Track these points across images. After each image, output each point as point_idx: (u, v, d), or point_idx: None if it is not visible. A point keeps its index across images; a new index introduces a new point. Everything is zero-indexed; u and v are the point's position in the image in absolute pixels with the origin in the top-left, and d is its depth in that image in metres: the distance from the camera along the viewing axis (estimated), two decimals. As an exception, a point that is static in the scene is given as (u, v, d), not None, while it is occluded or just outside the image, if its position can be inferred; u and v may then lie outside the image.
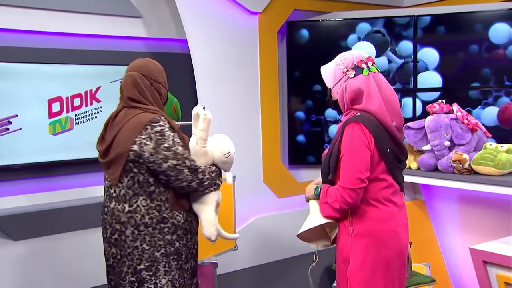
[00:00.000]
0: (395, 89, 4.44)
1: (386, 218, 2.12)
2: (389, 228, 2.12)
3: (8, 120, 3.55)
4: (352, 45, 4.66)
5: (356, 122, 2.07)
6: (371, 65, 2.16)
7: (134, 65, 2.49)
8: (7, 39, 3.61)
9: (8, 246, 3.62)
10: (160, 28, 4.28)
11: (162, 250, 2.31)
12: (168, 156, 2.25)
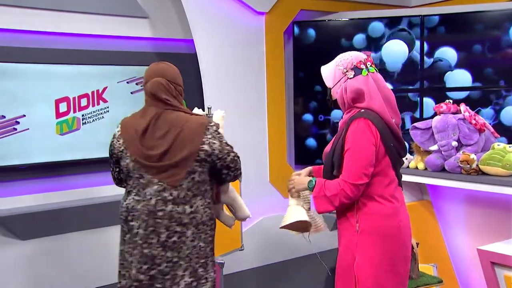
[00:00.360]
0: (426, 88, 4.61)
1: (392, 213, 2.16)
2: (394, 224, 2.15)
3: (16, 120, 3.58)
4: (359, 45, 4.65)
5: (362, 118, 2.11)
6: (370, 66, 2.21)
7: (157, 70, 2.46)
8: (15, 39, 3.63)
9: (15, 246, 3.64)
10: (166, 28, 4.29)
11: (211, 245, 2.43)
12: (230, 150, 2.40)
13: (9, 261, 3.62)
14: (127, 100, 4.09)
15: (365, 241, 2.13)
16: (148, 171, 2.31)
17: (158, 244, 2.32)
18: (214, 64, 4.28)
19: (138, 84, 4.14)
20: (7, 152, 3.54)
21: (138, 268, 2.35)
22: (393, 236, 2.15)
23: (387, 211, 2.14)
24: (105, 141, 3.91)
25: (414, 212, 3.38)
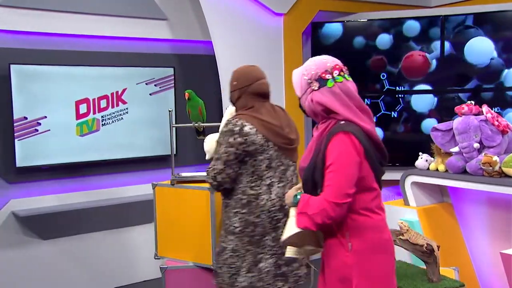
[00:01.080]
0: (486, 88, 4.49)
1: (382, 226, 2.05)
2: (387, 236, 2.06)
3: (38, 121, 3.64)
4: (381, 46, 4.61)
5: (345, 132, 1.94)
6: (337, 75, 2.02)
7: (257, 73, 2.69)
8: (36, 42, 3.70)
9: (37, 245, 3.70)
10: (185, 30, 4.33)
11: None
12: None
13: (31, 260, 3.68)
14: (146, 101, 4.12)
15: (361, 259, 2.00)
16: (287, 155, 2.55)
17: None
18: (232, 65, 4.22)
19: (156, 85, 4.17)
20: (28, 152, 3.60)
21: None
22: (387, 249, 2.05)
23: (377, 224, 2.02)
24: (124, 142, 3.99)
25: (435, 215, 3.35)
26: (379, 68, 4.68)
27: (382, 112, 4.74)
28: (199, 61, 4.42)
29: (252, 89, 2.54)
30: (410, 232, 2.74)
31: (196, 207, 2.92)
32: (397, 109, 4.71)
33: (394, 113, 4.71)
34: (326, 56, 2.07)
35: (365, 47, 4.69)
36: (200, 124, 3.24)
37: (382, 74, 4.69)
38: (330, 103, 1.98)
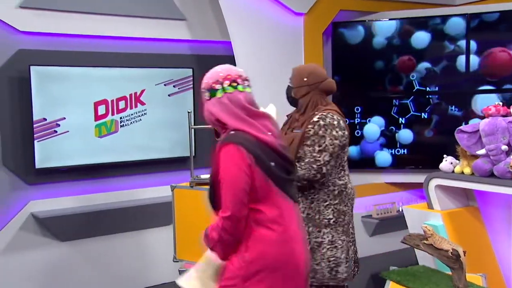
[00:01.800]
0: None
1: (282, 239, 1.97)
2: (286, 250, 1.97)
3: (57, 122, 3.67)
4: (419, 44, 4.56)
5: (230, 143, 1.92)
6: (227, 85, 2.03)
7: (323, 71, 2.82)
8: (56, 43, 3.74)
9: (55, 247, 3.73)
10: (204, 31, 4.33)
11: None
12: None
13: (49, 262, 3.71)
14: (165, 102, 4.13)
15: (253, 274, 1.93)
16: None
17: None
18: (251, 66, 4.28)
19: (175, 86, 4.17)
20: (47, 154, 3.63)
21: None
22: (284, 262, 1.95)
23: (276, 236, 1.95)
24: (143, 143, 4.00)
25: (460, 219, 3.28)
26: (408, 68, 4.61)
27: (412, 113, 4.66)
28: (218, 62, 4.30)
29: (322, 86, 2.72)
30: (435, 237, 2.69)
31: None
32: (427, 110, 4.64)
33: (425, 114, 4.64)
34: (226, 66, 2.10)
35: (387, 47, 4.64)
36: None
37: (412, 75, 4.63)
38: (218, 113, 1.99)
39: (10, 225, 3.60)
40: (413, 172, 4.73)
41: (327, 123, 2.59)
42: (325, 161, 2.56)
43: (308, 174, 2.55)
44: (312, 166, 2.55)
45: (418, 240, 2.75)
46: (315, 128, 2.60)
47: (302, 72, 2.75)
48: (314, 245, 2.60)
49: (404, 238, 2.83)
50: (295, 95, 2.77)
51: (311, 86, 2.70)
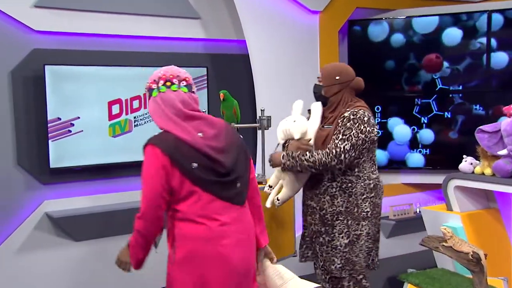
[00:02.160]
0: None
1: (209, 237, 1.98)
2: (213, 249, 1.98)
3: (71, 122, 3.68)
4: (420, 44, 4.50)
5: (149, 145, 2.00)
6: (162, 85, 2.05)
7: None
8: (70, 42, 3.75)
9: (69, 247, 3.74)
10: (218, 29, 4.31)
11: None
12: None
13: (63, 262, 3.72)
14: (179, 102, 4.11)
15: (182, 270, 1.98)
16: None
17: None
18: (266, 65, 4.26)
19: (189, 85, 4.16)
20: (62, 153, 3.64)
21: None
22: (212, 264, 1.97)
23: (203, 234, 1.97)
24: (157, 143, 4.00)
25: (480, 221, 3.23)
26: (434, 66, 4.54)
27: (434, 113, 4.59)
28: (233, 61, 4.40)
29: (353, 84, 2.84)
30: (454, 239, 2.65)
31: None
32: (450, 109, 4.57)
33: (448, 114, 4.57)
34: (169, 67, 2.13)
35: (405, 45, 4.58)
36: (234, 125, 3.22)
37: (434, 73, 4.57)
38: (151, 113, 2.07)
39: (24, 224, 3.62)
40: (431, 173, 4.67)
41: (356, 117, 2.68)
42: (345, 149, 2.62)
43: (325, 159, 2.63)
44: (331, 151, 2.63)
45: (437, 243, 2.71)
46: (344, 121, 2.69)
47: (333, 71, 2.84)
48: (353, 238, 2.72)
49: (422, 240, 2.81)
50: (325, 94, 2.84)
51: (342, 84, 2.81)
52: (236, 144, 2.10)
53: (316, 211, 2.80)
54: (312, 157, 2.64)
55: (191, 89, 2.10)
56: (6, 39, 3.51)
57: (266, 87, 4.25)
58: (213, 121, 2.07)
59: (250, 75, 4.25)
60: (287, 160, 2.71)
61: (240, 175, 2.08)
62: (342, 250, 2.73)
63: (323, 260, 2.79)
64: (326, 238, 2.77)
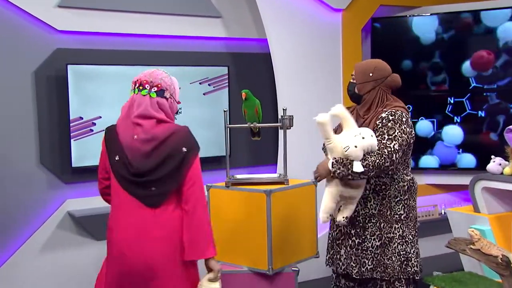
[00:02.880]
0: None
1: (112, 227, 2.26)
2: (114, 237, 2.26)
3: (93, 121, 3.71)
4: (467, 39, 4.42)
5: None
6: (132, 89, 2.31)
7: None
8: (92, 42, 3.79)
9: (90, 246, 3.77)
10: (240, 28, 4.31)
11: None
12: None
13: (85, 260, 3.75)
14: (200, 101, 4.13)
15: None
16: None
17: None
18: (288, 64, 4.24)
19: (210, 85, 4.16)
20: (84, 153, 3.68)
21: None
22: (110, 255, 2.29)
23: (110, 225, 2.29)
24: (178, 142, 4.00)
25: (509, 223, 3.16)
26: (486, 64, 4.43)
27: (468, 112, 4.51)
28: (254, 60, 4.39)
29: (388, 81, 2.71)
30: (482, 241, 2.59)
31: (252, 210, 2.89)
32: (484, 108, 4.48)
33: (481, 113, 4.48)
34: (150, 72, 2.33)
35: (431, 43, 4.52)
36: (256, 125, 3.20)
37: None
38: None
39: (47, 223, 3.67)
40: (457, 174, 4.59)
41: (396, 118, 2.58)
42: (395, 149, 2.52)
43: (379, 161, 2.49)
44: (383, 152, 2.51)
45: (464, 245, 2.66)
46: (384, 121, 2.59)
47: (367, 67, 2.72)
48: (386, 240, 2.65)
49: (448, 243, 2.76)
50: (359, 91, 2.72)
51: (377, 81, 2.69)
52: (169, 154, 2.20)
53: None
54: (365, 161, 2.49)
55: (163, 95, 2.27)
56: (30, 39, 3.56)
57: (288, 86, 4.23)
58: (152, 132, 2.21)
59: (272, 74, 4.23)
60: (338, 168, 2.51)
61: (160, 181, 2.20)
62: (373, 251, 2.67)
63: (349, 264, 2.73)
64: (357, 240, 2.70)
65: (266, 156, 4.44)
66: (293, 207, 2.97)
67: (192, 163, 2.22)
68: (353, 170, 2.48)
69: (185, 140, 2.25)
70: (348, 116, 2.58)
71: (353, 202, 2.61)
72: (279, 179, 3.01)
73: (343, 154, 2.52)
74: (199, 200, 2.22)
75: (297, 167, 3.79)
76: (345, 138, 2.54)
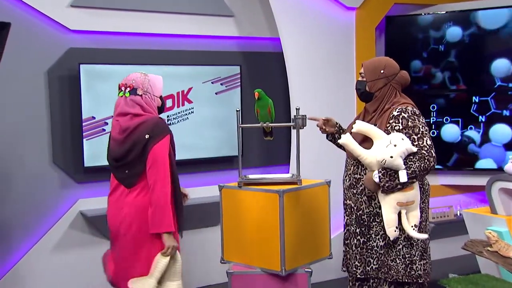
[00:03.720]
0: None
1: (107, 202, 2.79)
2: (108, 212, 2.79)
3: (105, 121, 3.72)
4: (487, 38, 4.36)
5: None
6: (119, 92, 2.72)
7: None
8: (105, 41, 3.80)
9: (103, 246, 3.77)
10: (252, 27, 4.30)
11: None
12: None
13: (97, 260, 3.75)
14: (212, 100, 4.13)
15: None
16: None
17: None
18: (301, 63, 4.22)
19: (223, 84, 4.16)
20: (96, 152, 3.69)
21: None
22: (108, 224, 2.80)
23: (108, 199, 2.81)
24: (190, 142, 4.00)
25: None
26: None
27: (493, 111, 4.46)
28: (266, 59, 4.38)
29: (399, 78, 2.71)
30: (500, 243, 2.57)
31: (264, 211, 2.88)
32: (510, 108, 4.40)
33: (507, 112, 4.41)
34: (128, 76, 2.73)
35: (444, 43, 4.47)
36: (269, 125, 3.19)
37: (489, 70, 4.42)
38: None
39: (59, 223, 3.69)
40: (473, 174, 4.54)
41: (410, 114, 2.57)
42: (430, 145, 2.51)
43: (424, 164, 2.48)
44: (422, 154, 2.49)
45: (481, 247, 2.64)
46: (402, 122, 2.56)
47: (378, 65, 2.72)
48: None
49: (465, 244, 2.74)
50: (370, 89, 2.71)
51: (388, 78, 2.69)
52: (135, 141, 2.59)
53: (353, 211, 2.74)
54: (410, 168, 2.47)
55: (136, 93, 2.66)
56: (43, 39, 3.58)
57: (301, 85, 4.21)
58: (125, 124, 2.64)
59: (284, 73, 4.21)
60: (386, 182, 2.50)
61: (130, 165, 2.62)
62: (378, 251, 2.66)
63: (354, 264, 2.72)
64: (361, 239, 2.70)
65: (278, 156, 4.43)
66: (306, 208, 2.96)
67: (152, 147, 2.56)
68: (400, 180, 2.47)
69: (149, 128, 2.59)
70: (370, 128, 2.56)
71: (414, 206, 2.56)
72: (292, 179, 3.01)
73: (383, 167, 2.51)
74: (158, 180, 2.55)
75: (310, 167, 3.78)
76: (377, 151, 2.52)
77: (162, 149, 2.58)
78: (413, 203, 2.54)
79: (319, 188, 3.04)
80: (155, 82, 2.73)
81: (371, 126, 2.56)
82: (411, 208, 2.55)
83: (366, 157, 2.54)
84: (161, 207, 2.54)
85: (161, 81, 2.78)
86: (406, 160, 2.48)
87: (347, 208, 2.80)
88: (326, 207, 3.17)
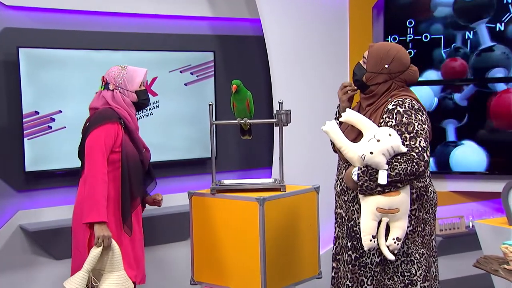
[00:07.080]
0: None
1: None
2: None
3: (51, 117, 3.66)
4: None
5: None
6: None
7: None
8: (50, 21, 3.73)
9: (49, 266, 3.73)
10: (228, 7, 4.30)
11: None
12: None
13: (43, 284, 3.70)
14: (180, 93, 4.11)
15: None
16: None
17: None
18: (284, 47, 4.25)
19: (193, 73, 4.14)
20: (40, 154, 3.63)
21: None
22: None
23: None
24: (155, 142, 3.94)
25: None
26: None
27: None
28: (244, 43, 4.39)
29: (405, 76, 2.64)
30: (518, 260, 2.57)
31: (242, 221, 2.91)
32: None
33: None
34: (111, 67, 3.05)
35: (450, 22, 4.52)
36: (247, 121, 3.18)
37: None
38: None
39: (-5, 239, 3.62)
40: (486, 179, 4.58)
41: (406, 108, 2.52)
42: (423, 147, 2.46)
43: (411, 167, 2.44)
44: (411, 156, 2.44)
45: (496, 265, 2.67)
46: (396, 117, 2.52)
47: (384, 56, 2.61)
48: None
49: (477, 262, 2.76)
50: (367, 81, 2.64)
51: (391, 75, 2.61)
52: (84, 131, 2.98)
53: (344, 222, 2.72)
54: (394, 170, 2.43)
55: (108, 87, 2.97)
56: (-29, 17, 3.51)
57: (285, 75, 4.23)
58: (90, 117, 3.00)
59: (266, 60, 4.22)
60: (364, 181, 2.47)
61: (81, 156, 2.97)
62: (373, 269, 2.64)
63: (345, 283, 2.69)
64: (353, 255, 2.66)
65: (259, 158, 4.45)
66: (290, 218, 2.99)
67: (87, 137, 2.88)
68: (378, 182, 2.43)
69: (91, 117, 2.95)
70: (359, 118, 2.52)
71: (399, 216, 2.50)
72: (274, 185, 3.05)
73: (363, 164, 2.48)
74: (89, 170, 2.85)
75: (296, 171, 3.78)
76: (360, 144, 2.50)
77: (96, 137, 2.84)
78: (398, 211, 2.49)
79: (306, 195, 3.09)
80: (132, 75, 2.98)
81: (361, 117, 2.53)
82: (395, 218, 2.50)
83: (348, 150, 2.51)
84: (90, 197, 2.82)
85: (142, 74, 3.00)
86: (392, 160, 2.45)
87: (338, 218, 2.78)
88: (315, 218, 3.20)
